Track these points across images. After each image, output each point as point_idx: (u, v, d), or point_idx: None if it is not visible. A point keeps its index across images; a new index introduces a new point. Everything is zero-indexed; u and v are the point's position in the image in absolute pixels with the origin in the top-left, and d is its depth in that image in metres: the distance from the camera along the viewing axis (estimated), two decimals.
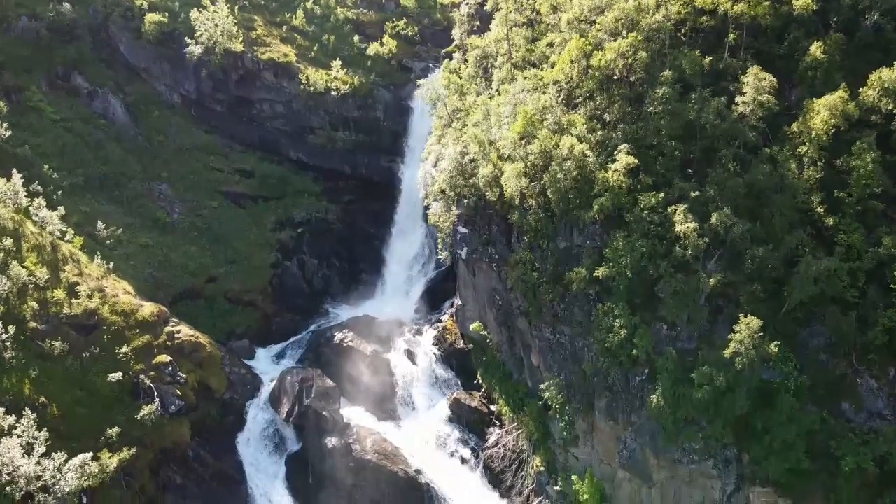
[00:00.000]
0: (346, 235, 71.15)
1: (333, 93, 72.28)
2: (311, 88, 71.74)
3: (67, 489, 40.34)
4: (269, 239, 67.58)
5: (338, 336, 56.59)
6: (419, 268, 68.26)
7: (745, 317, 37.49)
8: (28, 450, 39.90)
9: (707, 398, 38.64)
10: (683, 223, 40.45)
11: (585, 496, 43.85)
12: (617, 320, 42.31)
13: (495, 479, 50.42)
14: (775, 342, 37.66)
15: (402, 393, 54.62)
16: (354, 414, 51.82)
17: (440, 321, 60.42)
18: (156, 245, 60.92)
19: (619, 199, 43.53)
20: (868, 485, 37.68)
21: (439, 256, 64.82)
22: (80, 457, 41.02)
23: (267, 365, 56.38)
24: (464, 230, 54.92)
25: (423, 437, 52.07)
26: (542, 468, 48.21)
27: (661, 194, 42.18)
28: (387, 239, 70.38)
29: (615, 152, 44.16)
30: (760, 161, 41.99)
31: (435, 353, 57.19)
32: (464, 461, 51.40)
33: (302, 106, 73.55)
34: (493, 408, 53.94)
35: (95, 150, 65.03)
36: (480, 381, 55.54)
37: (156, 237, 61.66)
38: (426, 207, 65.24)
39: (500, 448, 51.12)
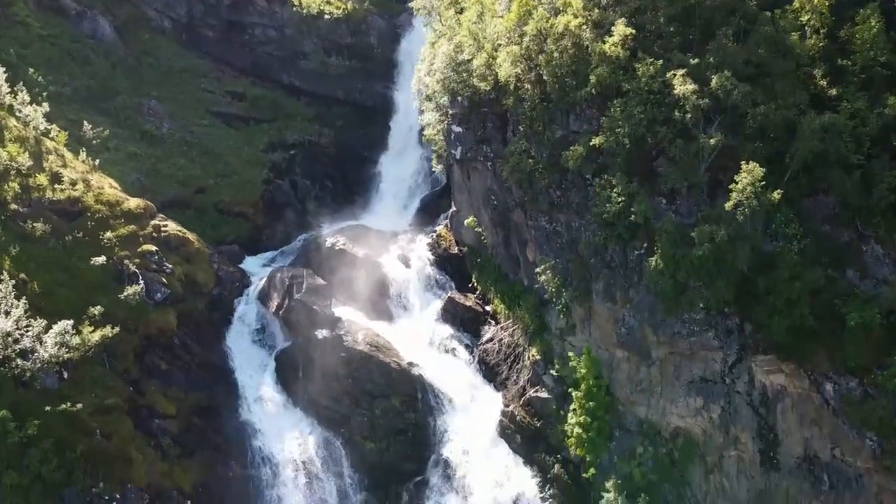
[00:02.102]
0: (339, 158, 70.00)
1: (326, 16, 71.23)
2: (304, 11, 70.69)
3: (46, 355, 39.17)
4: (261, 159, 66.35)
5: (329, 240, 55.33)
6: (414, 188, 67.20)
7: (748, 163, 36.30)
8: (6, 314, 38.73)
9: (707, 255, 37.43)
10: (683, 85, 39.39)
11: (583, 370, 42.55)
12: (615, 190, 41.20)
13: (490, 372, 49.18)
14: (778, 190, 36.44)
15: (396, 295, 53.38)
16: (346, 312, 50.47)
17: (434, 231, 59.20)
18: (144, 155, 59.77)
19: (617, 76, 42.45)
20: (874, 344, 36.32)
21: (434, 170, 64.11)
22: (61, 323, 39.82)
23: (256, 268, 55.03)
24: (458, 129, 53.76)
25: (416, 334, 50.81)
26: (538, 357, 46.93)
27: (660, 62, 41.10)
28: (381, 162, 69.32)
29: (612, 27, 43.06)
30: (761, 25, 40.83)
31: (429, 258, 55.95)
32: (457, 356, 50.17)
33: (294, 31, 72.66)
34: (487, 308, 52.73)
35: (83, 65, 63.84)
36: (475, 284, 54.29)
37: (144, 148, 60.52)
38: (421, 130, 64.61)
39: (494, 343, 49.87)
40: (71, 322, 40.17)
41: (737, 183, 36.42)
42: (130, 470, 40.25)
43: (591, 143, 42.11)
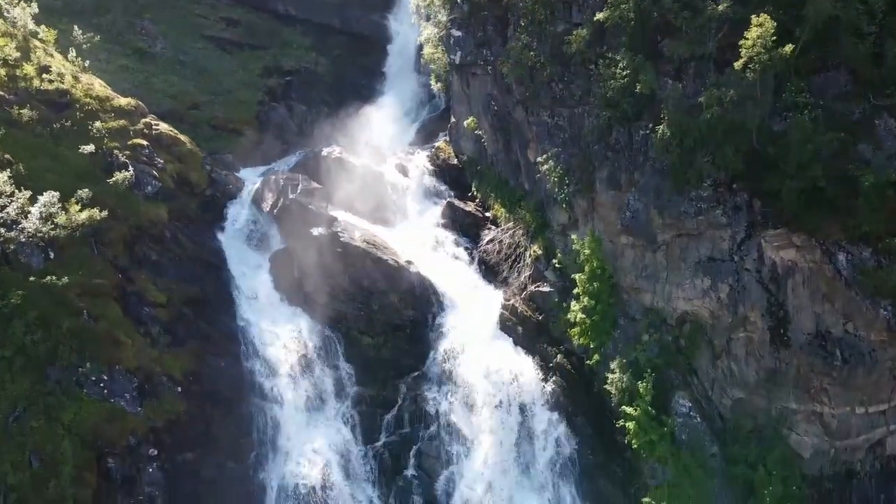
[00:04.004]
0: (336, 86, 68.40)
1: None
2: None
3: (31, 228, 37.85)
4: (257, 82, 64.91)
5: (326, 150, 54.04)
6: (412, 114, 66.06)
7: (758, 16, 35.02)
8: None
9: (715, 119, 36.22)
10: None
11: (587, 252, 41.25)
12: (619, 65, 40.00)
13: (490, 272, 47.97)
14: (790, 45, 35.15)
15: (394, 202, 52.13)
16: (343, 216, 49.08)
17: (433, 146, 58.02)
18: (136, 69, 58.53)
19: None
20: (889, 211, 35.16)
21: (433, 89, 63.08)
22: (47, 194, 38.49)
23: (251, 177, 53.45)
24: (457, 33, 52.57)
25: (415, 238, 49.57)
26: (539, 253, 45.71)
27: None
28: (379, 89, 68.17)
29: None
30: None
31: (428, 168, 54.84)
32: (457, 258, 48.97)
33: None
34: (487, 214, 51.55)
35: None
36: (475, 193, 53.14)
37: (136, 63, 59.31)
38: (420, 52, 63.64)
39: (495, 244, 48.67)
40: (57, 194, 38.89)
41: (747, 39, 35.20)
42: (119, 352, 38.86)
43: (595, 18, 40.96)
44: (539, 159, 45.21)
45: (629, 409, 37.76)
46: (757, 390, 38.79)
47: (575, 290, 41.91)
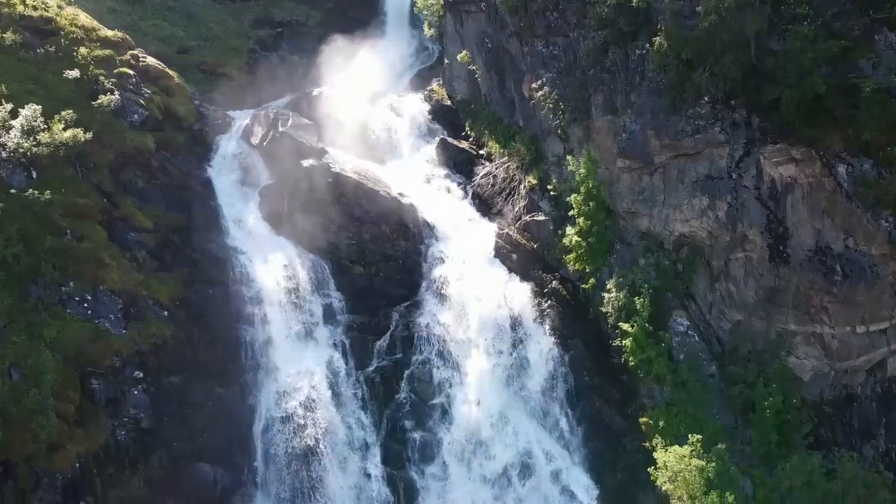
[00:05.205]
0: (327, 39, 67.43)
1: None
2: None
3: (12, 144, 36.89)
4: (247, 32, 64.29)
5: (316, 91, 53.24)
6: (405, 66, 65.25)
7: None
8: None
9: (714, 27, 35.47)
10: None
11: (583, 171, 40.45)
12: None
13: (483, 205, 47.25)
14: None
15: (386, 141, 51.33)
16: (334, 151, 48.21)
17: (428, 89, 57.28)
18: (124, 12, 57.58)
19: None
20: (892, 120, 34.41)
21: (426, 39, 62.42)
22: (29, 108, 37.48)
23: (241, 117, 52.47)
24: None
25: (407, 174, 48.75)
26: (534, 183, 44.99)
27: None
28: (371, 42, 67.12)
29: None
30: None
31: (421, 108, 54.12)
32: (451, 192, 48.21)
33: None
34: (481, 152, 50.80)
35: None
36: (469, 132, 52.37)
37: (124, 6, 58.38)
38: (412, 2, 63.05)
39: (489, 178, 47.91)
40: (39, 108, 37.94)
41: None
42: (103, 273, 37.81)
43: None
44: (534, 86, 44.39)
45: (626, 326, 37.00)
46: (756, 312, 38.04)
47: (570, 213, 41.11)
